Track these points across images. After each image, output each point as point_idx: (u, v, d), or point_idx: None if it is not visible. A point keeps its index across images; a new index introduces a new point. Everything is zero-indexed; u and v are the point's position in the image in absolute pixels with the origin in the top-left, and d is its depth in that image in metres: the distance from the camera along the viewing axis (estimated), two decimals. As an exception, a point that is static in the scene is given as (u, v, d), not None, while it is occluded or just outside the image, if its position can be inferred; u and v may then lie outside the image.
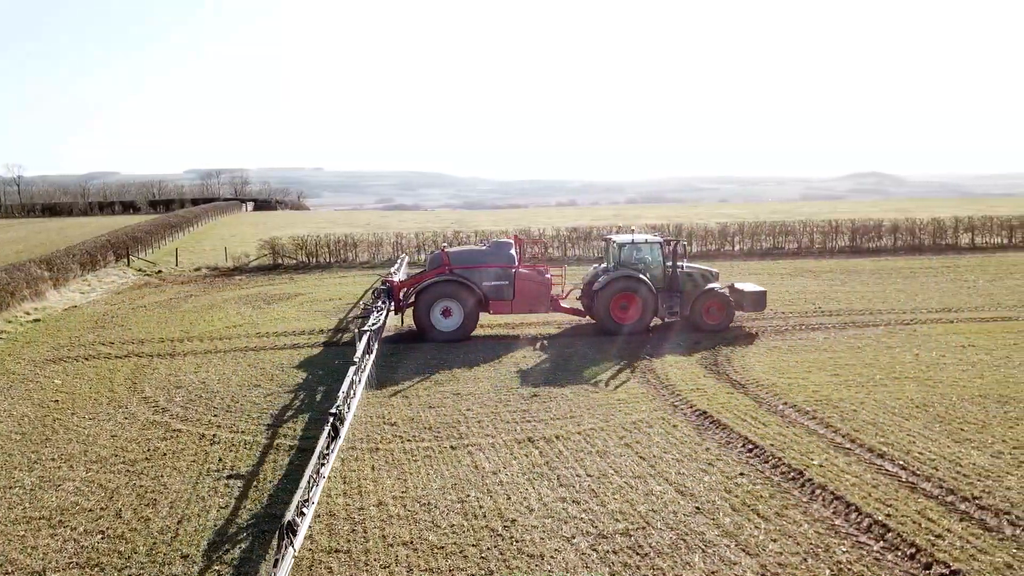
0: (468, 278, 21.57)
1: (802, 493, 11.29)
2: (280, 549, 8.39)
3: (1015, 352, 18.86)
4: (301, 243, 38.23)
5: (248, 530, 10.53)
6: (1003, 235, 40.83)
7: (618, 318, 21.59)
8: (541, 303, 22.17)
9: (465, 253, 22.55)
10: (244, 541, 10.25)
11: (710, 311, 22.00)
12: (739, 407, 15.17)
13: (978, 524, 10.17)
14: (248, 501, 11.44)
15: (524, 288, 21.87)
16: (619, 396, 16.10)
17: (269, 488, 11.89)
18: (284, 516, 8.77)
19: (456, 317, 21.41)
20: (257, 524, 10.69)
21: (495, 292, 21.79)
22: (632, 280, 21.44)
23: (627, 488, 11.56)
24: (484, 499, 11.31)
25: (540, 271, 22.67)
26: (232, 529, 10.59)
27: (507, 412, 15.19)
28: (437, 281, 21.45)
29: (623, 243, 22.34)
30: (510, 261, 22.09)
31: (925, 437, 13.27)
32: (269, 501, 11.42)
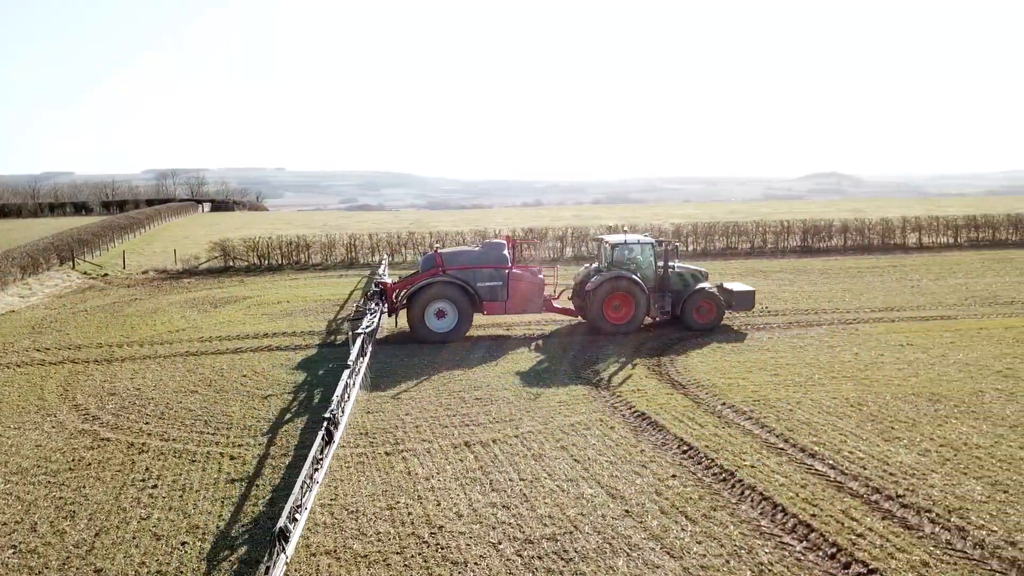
0: (462, 279, 21.50)
1: (731, 494, 11.35)
2: (272, 555, 8.19)
3: (951, 351, 19.23)
4: (252, 245, 37.65)
5: (168, 540, 10.26)
6: (949, 235, 41.73)
7: (611, 318, 21.68)
8: (535, 303, 22.24)
9: (458, 254, 22.44)
10: (164, 555, 9.98)
11: (700, 310, 22.20)
12: (677, 408, 15.23)
13: (899, 523, 10.31)
14: (171, 512, 11.15)
15: (518, 289, 21.92)
16: (560, 398, 16.05)
17: (194, 498, 11.61)
18: (277, 522, 8.66)
19: (450, 318, 21.36)
20: (177, 534, 10.42)
21: (489, 293, 21.76)
22: (625, 280, 21.56)
23: (558, 492, 11.50)
24: (414, 506, 11.17)
25: (533, 271, 22.71)
26: (153, 542, 10.31)
27: (447, 416, 15.05)
28: (431, 282, 21.31)
29: (615, 243, 22.45)
30: (503, 262, 22.10)
31: (856, 436, 13.44)
32: (194, 511, 11.15)
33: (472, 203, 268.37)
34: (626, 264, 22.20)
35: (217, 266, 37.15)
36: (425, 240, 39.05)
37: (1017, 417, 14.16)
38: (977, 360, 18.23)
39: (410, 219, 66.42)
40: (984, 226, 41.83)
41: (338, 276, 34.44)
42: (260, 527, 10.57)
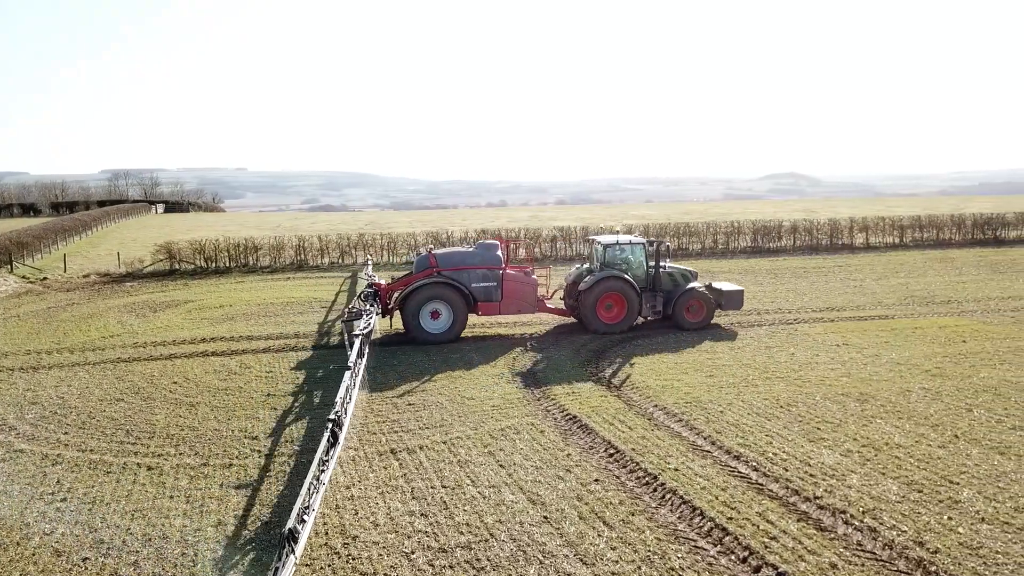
0: (456, 280, 21.45)
1: (652, 498, 11.31)
2: (281, 556, 8.04)
3: (884, 350, 19.52)
4: (199, 247, 36.92)
5: (69, 556, 9.91)
6: (895, 235, 42.50)
7: (603, 318, 21.84)
8: (529, 304, 22.26)
9: (452, 255, 22.36)
10: (63, 572, 9.64)
11: (691, 309, 22.41)
12: (609, 410, 15.20)
13: (814, 524, 10.36)
14: (77, 527, 10.78)
15: (512, 289, 21.93)
16: (495, 402, 15.92)
17: (103, 511, 11.24)
18: (286, 523, 8.42)
19: (445, 319, 21.33)
20: (80, 550, 10.07)
21: (483, 293, 21.75)
22: (617, 280, 21.73)
23: (479, 499, 11.37)
24: (331, 515, 10.94)
25: (527, 272, 22.72)
26: (53, 558, 9.95)
27: (377, 423, 14.83)
28: (426, 283, 21.25)
29: (608, 244, 22.56)
30: (497, 262, 22.09)
31: (782, 437, 13.52)
32: (101, 524, 10.79)
33: (436, 203, 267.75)
34: (618, 264, 22.37)
35: (162, 269, 36.36)
36: (376, 242, 38.68)
37: (940, 416, 14.38)
38: (908, 359, 18.52)
39: (366, 220, 65.87)
40: (928, 226, 42.68)
41: (286, 279, 33.93)
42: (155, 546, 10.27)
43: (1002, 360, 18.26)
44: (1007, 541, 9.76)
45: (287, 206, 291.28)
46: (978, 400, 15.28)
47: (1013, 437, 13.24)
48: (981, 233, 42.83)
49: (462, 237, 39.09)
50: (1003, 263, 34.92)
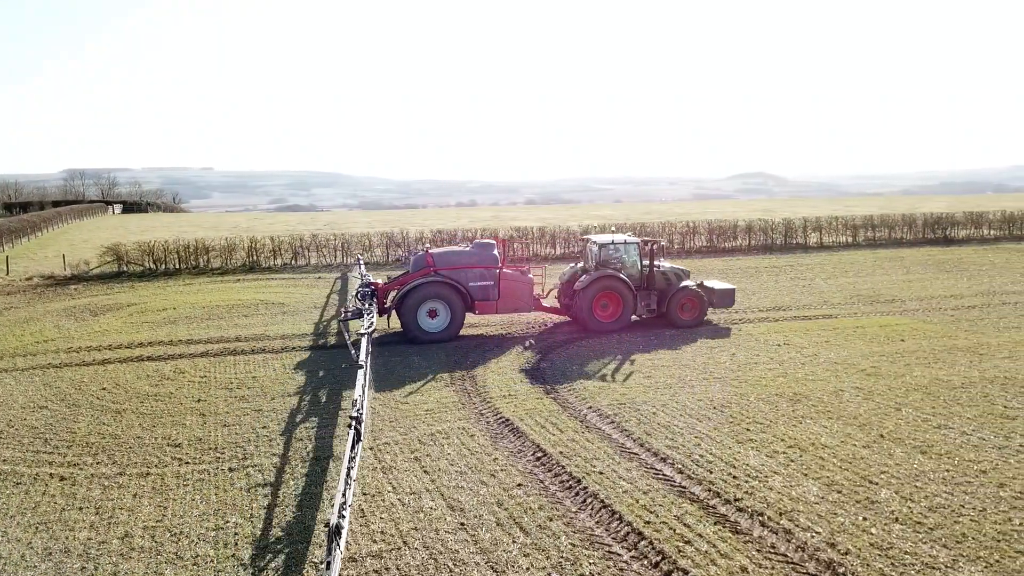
0: (454, 279, 21.45)
1: (573, 503, 11.21)
2: (330, 552, 8.02)
3: (824, 350, 19.66)
4: (147, 249, 36.19)
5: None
6: (848, 234, 43.03)
7: (599, 317, 21.99)
8: (525, 303, 22.36)
9: (449, 254, 22.34)
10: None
11: (684, 307, 22.68)
12: (543, 413, 15.09)
13: (731, 527, 10.32)
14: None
15: (509, 288, 22.01)
16: (429, 406, 15.73)
17: (4, 525, 10.86)
18: (329, 520, 8.32)
19: (443, 318, 21.37)
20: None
21: (481, 292, 21.82)
22: (613, 280, 21.89)
23: (398, 506, 11.18)
24: (244, 525, 10.68)
25: (523, 271, 22.80)
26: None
27: (306, 429, 14.56)
28: (424, 282, 21.25)
29: (603, 243, 22.69)
30: (494, 262, 22.14)
31: (711, 439, 13.51)
32: (2, 537, 10.42)
33: (406, 203, 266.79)
34: (612, 263, 22.55)
35: (110, 271, 35.59)
36: (330, 243, 38.24)
37: (868, 416, 14.48)
38: (846, 359, 18.67)
39: (325, 220, 65.22)
40: (881, 225, 43.27)
41: (235, 281, 33.38)
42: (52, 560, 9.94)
43: (936, 359, 18.48)
44: (917, 541, 9.80)
45: (254, 206, 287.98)
46: (908, 399, 15.42)
47: (936, 436, 13.36)
48: (932, 232, 43.54)
49: (417, 237, 38.80)
50: (950, 262, 35.51)
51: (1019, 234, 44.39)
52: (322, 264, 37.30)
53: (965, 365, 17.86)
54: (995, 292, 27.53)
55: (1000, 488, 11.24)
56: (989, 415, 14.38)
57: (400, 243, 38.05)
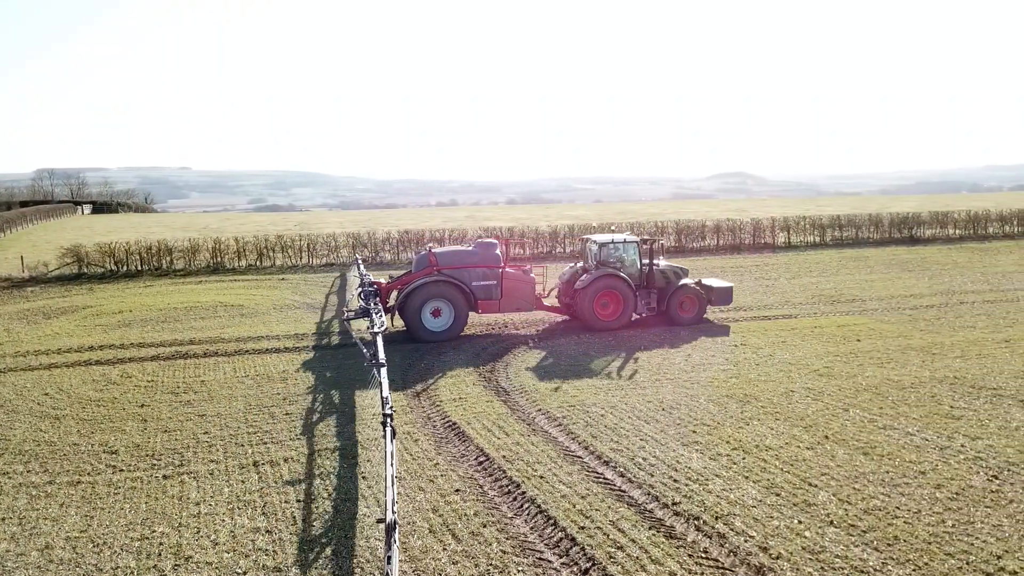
0: (457, 278, 21.55)
1: (510, 508, 11.05)
2: (389, 547, 8.07)
3: (779, 350, 19.67)
4: (109, 250, 35.62)
5: None
6: (816, 234, 43.26)
7: (600, 315, 22.17)
8: (527, 302, 22.48)
9: (452, 254, 22.42)
10: None
11: (683, 305, 22.96)
12: (491, 416, 14.93)
13: (665, 532, 10.21)
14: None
15: (511, 288, 22.13)
16: (376, 410, 15.51)
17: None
18: (385, 516, 8.39)
19: (446, 317, 21.49)
20: None
21: (484, 292, 21.93)
22: (613, 279, 22.11)
23: (332, 513, 10.97)
24: (171, 535, 10.43)
25: (525, 271, 22.88)
26: None
27: (247, 434, 14.30)
28: (427, 281, 21.34)
29: (603, 243, 22.85)
30: (496, 261, 22.23)
31: (656, 441, 13.41)
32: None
33: (386, 203, 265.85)
34: (612, 263, 22.74)
35: (70, 273, 34.99)
36: (295, 244, 37.84)
37: (815, 417, 14.46)
38: (800, 359, 18.68)
39: (297, 220, 64.67)
40: (848, 225, 43.54)
41: (198, 283, 32.92)
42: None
43: (890, 359, 18.54)
44: (849, 544, 9.74)
45: (233, 206, 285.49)
46: (857, 400, 15.43)
47: (880, 437, 13.36)
48: (898, 232, 43.88)
49: (384, 238, 38.51)
50: (913, 261, 35.79)
51: (984, 233, 44.86)
52: (287, 265, 36.92)
53: (917, 365, 17.93)
54: (954, 292, 27.75)
55: (937, 489, 11.24)
56: (935, 415, 14.41)
57: (367, 243, 37.73)
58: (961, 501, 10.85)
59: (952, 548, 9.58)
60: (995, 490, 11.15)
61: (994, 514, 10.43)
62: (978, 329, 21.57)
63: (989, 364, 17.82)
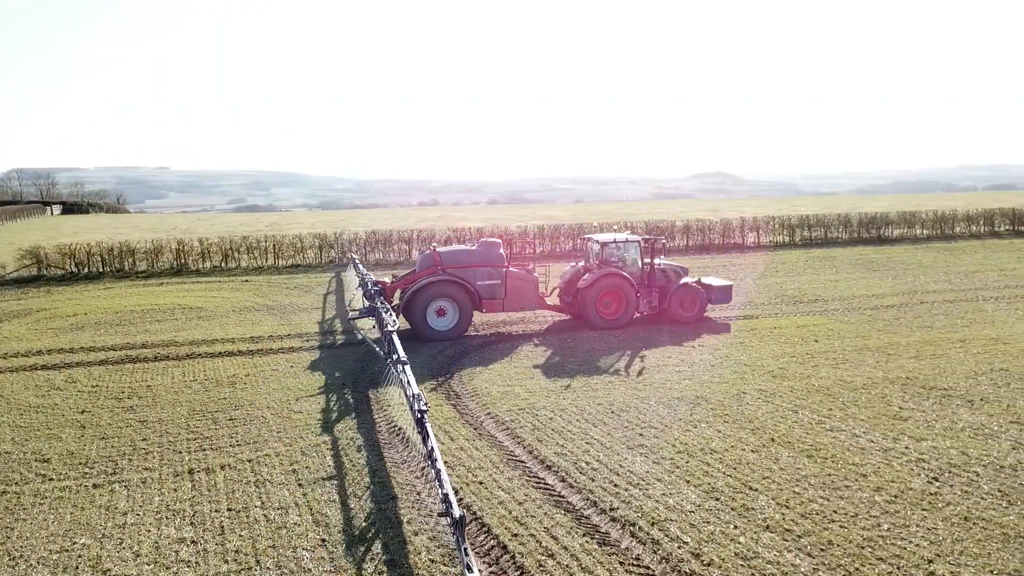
0: (462, 277, 21.60)
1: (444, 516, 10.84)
2: (463, 540, 8.28)
3: (736, 351, 19.61)
4: (69, 252, 35.02)
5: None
6: (785, 234, 43.42)
7: (603, 314, 22.31)
8: (531, 301, 22.61)
9: (456, 253, 22.47)
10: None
11: (684, 304, 23.10)
12: (438, 420, 14.71)
13: (599, 539, 10.05)
14: None
15: (515, 287, 22.26)
16: (321, 415, 15.24)
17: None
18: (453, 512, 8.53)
19: (451, 316, 21.56)
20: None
21: (488, 291, 22.01)
22: (616, 277, 22.25)
23: (262, 522, 10.70)
24: (93, 547, 10.12)
25: (528, 270, 22.99)
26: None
27: (187, 440, 13.98)
28: (432, 281, 21.38)
29: (604, 242, 23.01)
30: (500, 260, 22.30)
31: (602, 444, 13.26)
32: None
33: (367, 203, 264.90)
34: (614, 262, 22.91)
35: (28, 275, 34.36)
36: (260, 245, 37.41)
37: (764, 419, 14.37)
38: (756, 360, 18.62)
39: (268, 221, 64.09)
40: (816, 225, 43.75)
41: (159, 285, 32.42)
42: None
43: (845, 359, 18.53)
44: (783, 549, 9.63)
45: (211, 206, 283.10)
46: (807, 401, 15.37)
47: (826, 439, 13.29)
48: (867, 232, 44.15)
49: (351, 239, 38.17)
50: (879, 261, 35.98)
51: (950, 233, 45.25)
52: (252, 267, 36.48)
53: (871, 366, 17.93)
54: (916, 291, 27.89)
55: (876, 492, 11.16)
56: (883, 416, 14.38)
57: (332, 244, 37.38)
58: (899, 504, 10.78)
59: (884, 552, 9.50)
60: (934, 492, 11.10)
61: (930, 517, 10.37)
62: (935, 329, 21.64)
63: (942, 364, 17.85)
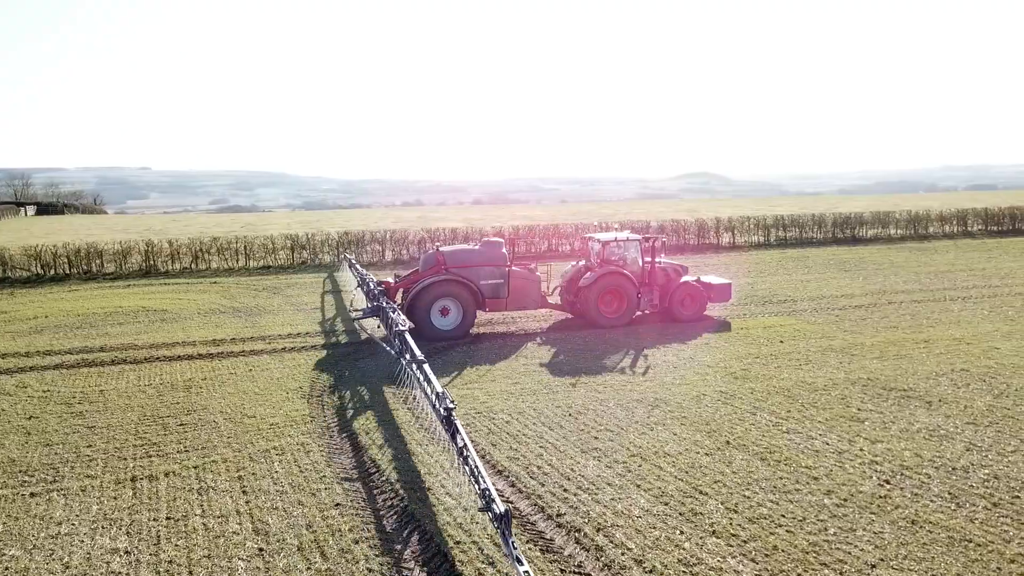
0: (466, 277, 21.65)
1: (390, 523, 10.63)
2: (510, 535, 8.29)
3: (701, 352, 19.51)
4: (34, 253, 34.48)
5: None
6: (760, 234, 43.50)
7: (605, 312, 22.48)
8: (533, 300, 22.80)
9: (460, 252, 22.62)
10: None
11: (684, 303, 23.30)
12: (392, 425, 14.48)
13: (543, 546, 9.87)
14: None
15: (518, 286, 22.41)
16: (275, 420, 14.97)
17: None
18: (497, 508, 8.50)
19: (454, 316, 21.62)
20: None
21: (491, 290, 22.14)
22: (617, 276, 22.44)
23: (200, 531, 10.44)
24: (21, 558, 9.82)
25: (530, 269, 23.13)
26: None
27: (134, 446, 13.68)
28: (436, 280, 21.46)
29: (606, 241, 23.17)
30: (503, 260, 22.44)
31: (556, 448, 13.09)
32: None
33: (351, 203, 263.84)
34: (615, 260, 23.04)
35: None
36: (231, 246, 37.01)
37: (721, 421, 14.25)
38: (719, 362, 18.52)
39: (243, 222, 63.56)
40: (791, 226, 43.84)
41: (125, 287, 31.97)
42: None
43: (808, 360, 18.46)
44: (727, 555, 9.49)
45: (194, 206, 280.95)
46: (767, 403, 15.27)
47: (782, 441, 13.18)
48: (841, 232, 44.29)
49: (323, 240, 37.83)
50: (851, 261, 36.07)
51: (924, 233, 45.49)
52: (222, 268, 36.07)
53: (834, 366, 17.87)
54: (885, 291, 27.94)
55: (826, 496, 11.05)
56: (841, 418, 14.31)
57: (304, 245, 37.02)
58: (848, 507, 10.68)
59: (828, 557, 9.38)
60: (883, 496, 11.01)
61: (877, 521, 10.27)
62: (900, 329, 21.65)
63: (904, 365, 17.83)
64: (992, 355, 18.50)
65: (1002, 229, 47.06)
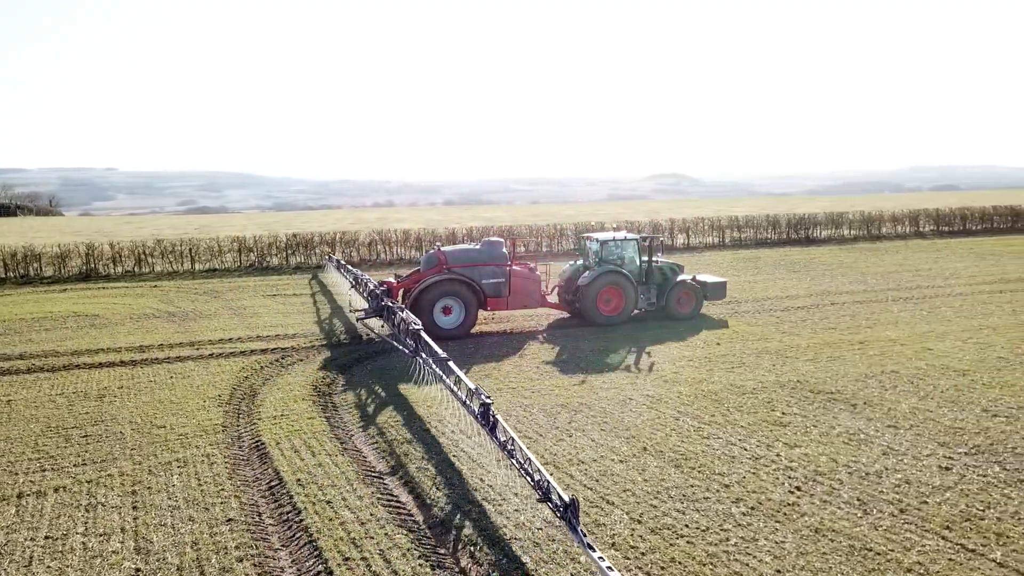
0: (467, 276, 21.77)
1: (280, 539, 10.19)
2: (578, 524, 8.45)
3: (634, 355, 19.27)
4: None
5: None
6: (714, 235, 43.55)
7: (603, 311, 22.72)
8: (533, 299, 22.91)
9: (461, 252, 22.79)
10: None
11: (681, 301, 23.63)
12: (305, 435, 14.01)
13: (434, 563, 9.48)
14: None
15: (519, 285, 22.53)
16: (185, 430, 14.42)
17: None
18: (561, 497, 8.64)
19: (457, 315, 21.75)
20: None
21: (493, 289, 22.24)
22: (616, 275, 22.65)
23: (77, 551, 9.91)
24: None
25: (531, 268, 23.28)
26: None
27: (29, 460, 13.02)
28: (439, 279, 21.58)
29: (604, 240, 23.41)
30: (504, 259, 22.60)
31: (468, 458, 12.69)
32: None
33: (321, 204, 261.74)
34: (613, 260, 23.25)
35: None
36: (176, 248, 36.20)
37: (643, 426, 13.98)
38: (653, 365, 18.28)
39: (198, 224, 62.49)
40: (746, 227, 43.97)
41: (62, 291, 31.06)
42: None
43: (742, 363, 18.31)
44: (623, 568, 9.18)
45: (161, 208, 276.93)
46: (692, 407, 15.05)
47: (699, 447, 12.94)
48: (795, 233, 44.51)
49: (270, 243, 37.14)
50: (802, 262, 36.19)
51: (877, 234, 45.88)
52: (166, 272, 35.26)
53: (766, 369, 17.73)
54: (830, 292, 27.99)
55: (735, 503, 10.82)
56: (763, 422, 14.11)
57: (252, 248, 36.33)
58: (754, 516, 10.44)
59: (724, 569, 9.12)
60: (792, 503, 10.79)
61: (781, 529, 10.04)
62: (838, 330, 21.61)
63: (836, 367, 17.74)
64: (924, 356, 18.49)
65: (952, 230, 47.65)
